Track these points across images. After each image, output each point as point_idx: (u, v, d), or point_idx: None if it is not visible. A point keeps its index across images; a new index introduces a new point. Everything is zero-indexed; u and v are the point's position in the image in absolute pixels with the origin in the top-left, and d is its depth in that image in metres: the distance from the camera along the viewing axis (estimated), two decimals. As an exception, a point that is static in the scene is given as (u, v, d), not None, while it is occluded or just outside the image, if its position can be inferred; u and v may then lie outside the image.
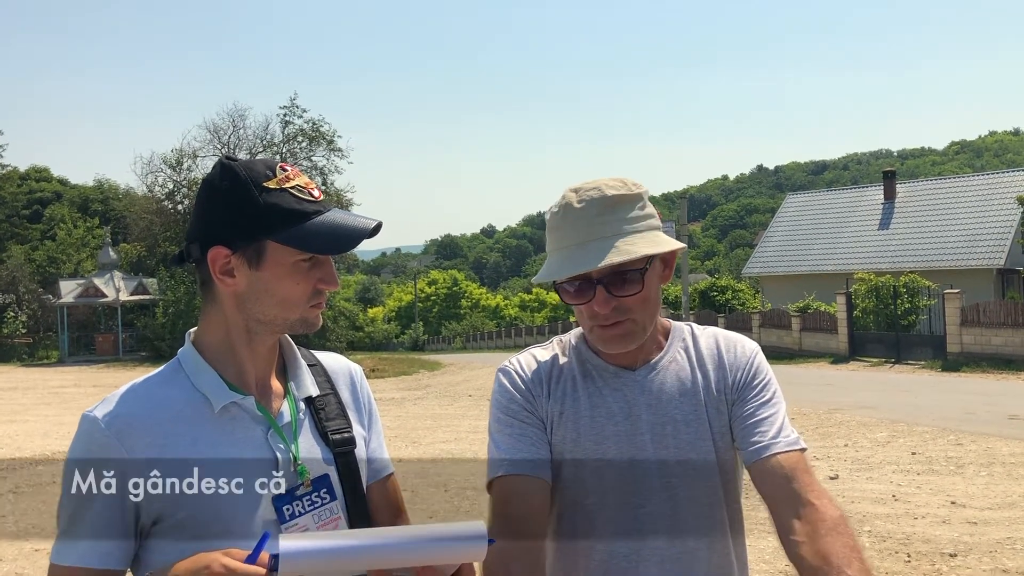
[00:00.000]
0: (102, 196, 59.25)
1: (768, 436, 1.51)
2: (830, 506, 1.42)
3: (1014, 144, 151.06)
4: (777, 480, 1.46)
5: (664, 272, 1.57)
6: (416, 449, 11.02)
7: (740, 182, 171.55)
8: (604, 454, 1.55)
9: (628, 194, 1.51)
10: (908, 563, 5.72)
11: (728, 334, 1.66)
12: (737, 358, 1.61)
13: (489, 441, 1.59)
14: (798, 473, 1.46)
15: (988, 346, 21.47)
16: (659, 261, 1.55)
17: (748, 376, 1.59)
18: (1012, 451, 9.62)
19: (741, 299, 38.04)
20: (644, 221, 1.51)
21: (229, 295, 1.36)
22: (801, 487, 1.44)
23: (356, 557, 1.09)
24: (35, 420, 15.28)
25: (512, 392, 1.59)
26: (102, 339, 38.79)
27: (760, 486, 1.50)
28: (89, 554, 1.27)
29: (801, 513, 1.41)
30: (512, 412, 1.58)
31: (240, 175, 1.33)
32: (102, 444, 1.28)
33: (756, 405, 1.55)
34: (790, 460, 1.48)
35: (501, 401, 1.60)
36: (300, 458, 1.38)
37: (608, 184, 1.52)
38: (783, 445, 1.49)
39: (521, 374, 1.61)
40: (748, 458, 1.52)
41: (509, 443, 1.54)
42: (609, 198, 1.50)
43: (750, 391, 1.57)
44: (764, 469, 1.49)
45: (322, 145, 40.39)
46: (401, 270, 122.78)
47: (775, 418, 1.54)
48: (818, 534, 1.37)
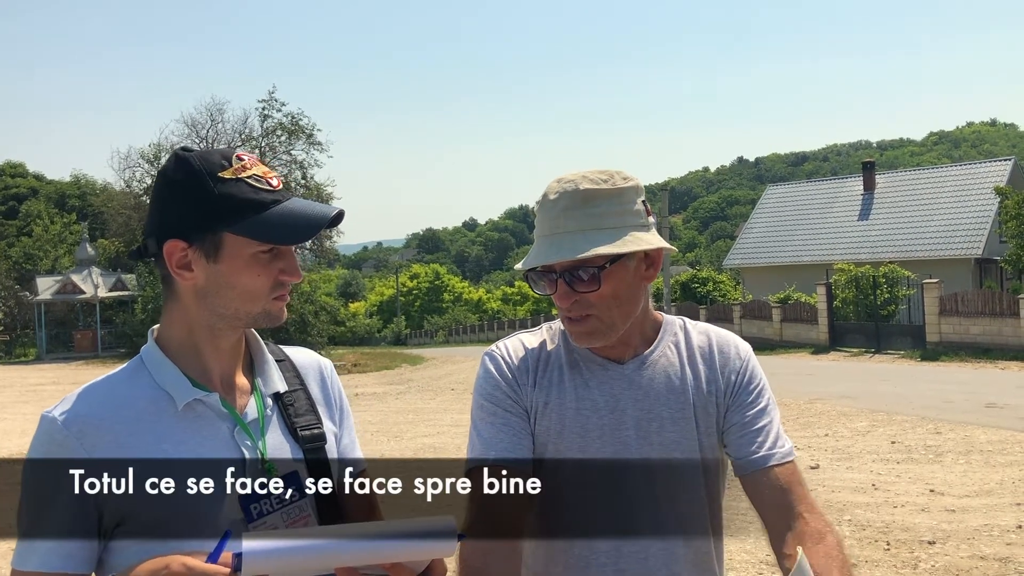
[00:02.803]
0: (79, 191, 58.70)
1: (764, 448, 1.51)
2: (819, 520, 1.45)
3: (991, 134, 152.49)
4: (772, 493, 1.48)
5: (647, 271, 1.54)
6: (398, 443, 10.99)
7: (721, 174, 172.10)
8: (587, 448, 1.53)
9: (603, 189, 1.48)
10: (887, 551, 5.76)
11: (721, 333, 1.63)
12: (731, 360, 1.59)
13: (471, 427, 1.57)
14: (792, 486, 1.49)
15: (966, 335, 21.67)
16: (638, 259, 1.51)
17: (743, 380, 1.57)
18: (990, 439, 9.71)
19: (722, 290, 38.18)
20: (617, 218, 1.48)
21: (189, 289, 1.32)
22: (794, 500, 1.47)
23: (322, 555, 1.06)
24: (12, 418, 15.11)
25: (497, 379, 1.57)
26: (80, 336, 38.48)
27: (753, 496, 1.51)
28: (51, 557, 1.24)
29: (792, 526, 1.45)
30: (496, 400, 1.55)
31: (194, 165, 1.30)
32: (62, 444, 1.24)
33: (752, 414, 1.54)
34: (785, 473, 1.49)
35: (485, 388, 1.57)
36: (268, 455, 1.35)
37: (587, 177, 1.49)
38: (779, 457, 1.51)
39: (508, 360, 1.58)
40: (743, 468, 1.52)
41: (491, 432, 1.52)
42: (580, 192, 1.48)
43: (746, 396, 1.56)
44: (759, 481, 1.50)
45: (301, 139, 40.03)
46: (383, 264, 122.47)
47: (770, 427, 1.54)
48: (805, 547, 1.39)
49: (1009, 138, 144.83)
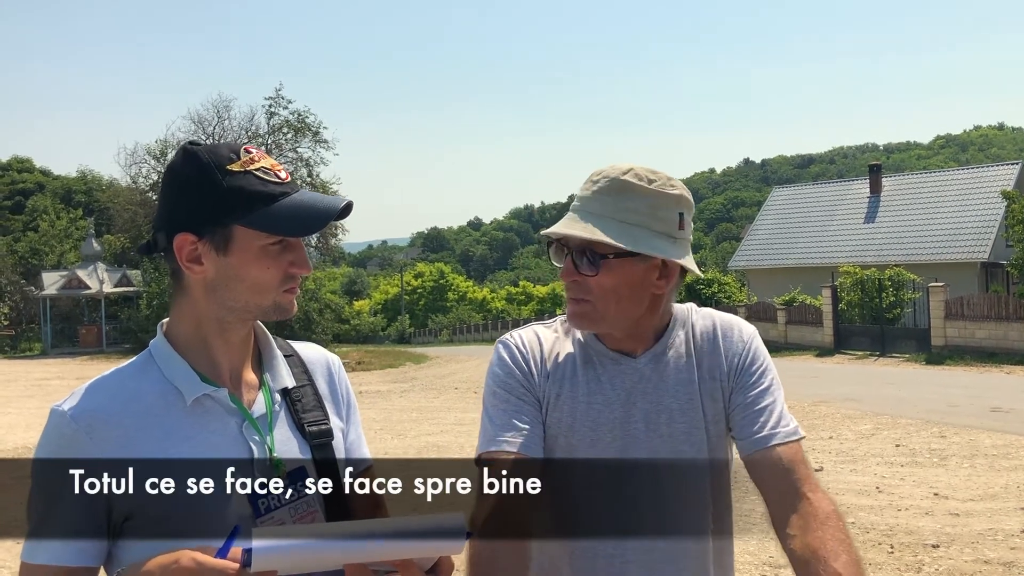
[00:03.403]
0: (85, 187, 58.80)
1: (767, 427, 1.50)
2: (823, 500, 1.42)
3: (998, 138, 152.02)
4: (775, 472, 1.46)
5: (658, 281, 1.52)
6: (402, 441, 11.00)
7: (727, 175, 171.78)
8: (598, 441, 1.53)
9: (641, 187, 1.49)
10: (891, 554, 5.75)
11: (725, 317, 1.63)
12: (733, 343, 1.59)
13: (483, 414, 1.57)
14: (796, 465, 1.46)
15: (972, 339, 21.61)
16: (652, 265, 1.50)
17: (745, 362, 1.57)
18: (994, 443, 9.69)
19: (727, 292, 38.10)
20: (642, 217, 1.48)
21: (198, 283, 1.32)
22: (798, 480, 1.44)
23: (331, 551, 1.06)
24: (18, 412, 15.16)
25: (511, 367, 1.57)
26: (85, 331, 38.54)
27: (756, 476, 1.49)
28: (61, 552, 1.24)
29: (796, 506, 1.42)
30: (509, 388, 1.55)
31: (202, 159, 1.30)
32: (71, 439, 1.24)
33: (755, 394, 1.53)
34: (788, 452, 1.47)
35: (499, 375, 1.57)
36: (275, 451, 1.35)
37: (635, 171, 1.51)
38: (782, 436, 1.49)
39: (522, 349, 1.59)
40: (746, 448, 1.50)
41: (503, 419, 1.52)
42: (619, 181, 1.50)
43: (748, 377, 1.55)
44: (762, 460, 1.48)
45: (307, 136, 40.12)
46: (387, 263, 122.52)
47: (774, 406, 1.52)
48: (809, 528, 1.38)
49: (1017, 142, 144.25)
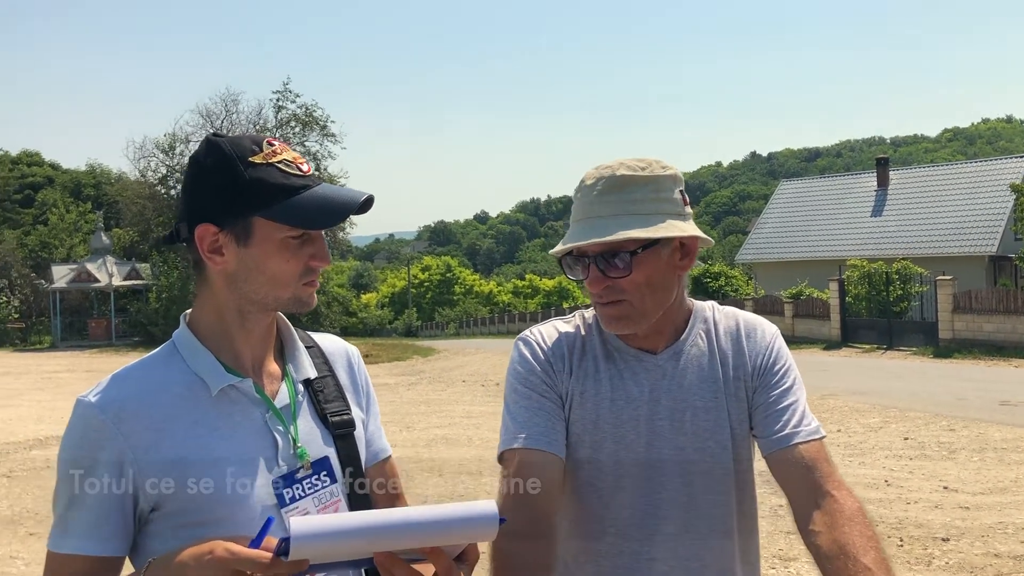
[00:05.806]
0: (94, 181, 58.92)
1: (790, 425, 1.50)
2: (849, 497, 1.43)
3: (1007, 131, 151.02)
4: (798, 470, 1.46)
5: (681, 261, 1.52)
6: (410, 434, 11.02)
7: (733, 169, 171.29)
8: (623, 439, 1.53)
9: (640, 176, 1.48)
10: (901, 547, 5.75)
11: (748, 316, 1.63)
12: (757, 343, 1.59)
13: (504, 411, 1.57)
14: (819, 463, 1.46)
15: (980, 332, 21.54)
16: (672, 248, 1.50)
17: (768, 362, 1.57)
18: (1004, 436, 9.66)
19: (734, 285, 38.03)
20: (652, 204, 1.48)
21: (219, 274, 1.33)
22: (821, 477, 1.45)
23: (367, 539, 1.06)
24: (28, 405, 15.23)
25: (532, 363, 1.57)
26: (95, 324, 38.64)
27: (779, 475, 1.49)
28: (87, 541, 1.25)
29: (820, 503, 1.42)
30: (531, 384, 1.55)
31: (225, 150, 1.30)
32: (98, 429, 1.25)
33: (777, 393, 1.54)
34: (811, 450, 1.48)
35: (520, 372, 1.57)
36: (299, 441, 1.36)
37: (625, 164, 1.50)
38: (805, 435, 1.49)
39: (543, 346, 1.58)
40: (769, 447, 1.51)
41: (526, 416, 1.52)
42: (617, 178, 1.49)
43: (771, 377, 1.56)
44: (785, 459, 1.48)
45: (315, 130, 40.23)
46: (394, 256, 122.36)
47: (796, 406, 1.53)
48: (836, 524, 1.38)
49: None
